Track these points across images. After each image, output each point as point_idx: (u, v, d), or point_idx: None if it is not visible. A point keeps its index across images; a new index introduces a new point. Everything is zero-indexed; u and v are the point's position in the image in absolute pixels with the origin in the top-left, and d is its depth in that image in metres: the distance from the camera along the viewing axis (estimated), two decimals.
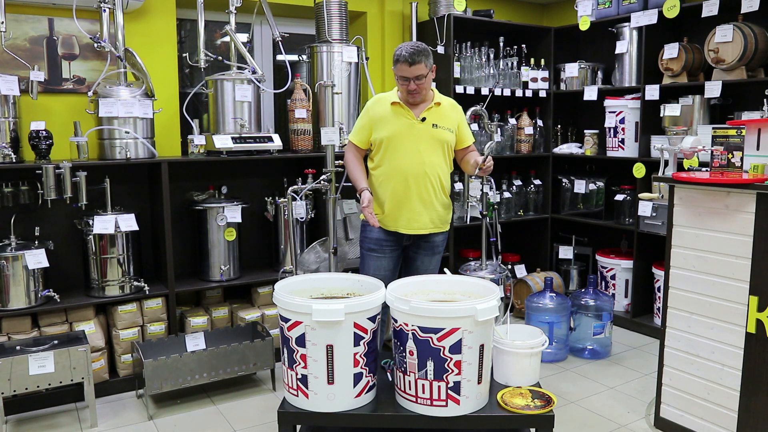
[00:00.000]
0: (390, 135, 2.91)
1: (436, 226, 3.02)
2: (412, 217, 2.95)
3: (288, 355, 2.26)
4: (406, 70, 2.78)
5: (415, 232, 2.98)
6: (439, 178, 2.96)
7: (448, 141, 2.97)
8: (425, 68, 2.80)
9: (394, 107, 2.93)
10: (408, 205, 2.94)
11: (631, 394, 3.28)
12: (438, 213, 3.01)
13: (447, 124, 2.97)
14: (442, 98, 3.00)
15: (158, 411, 3.11)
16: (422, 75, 2.80)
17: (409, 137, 2.90)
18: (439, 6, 4.33)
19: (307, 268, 3.28)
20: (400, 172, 2.91)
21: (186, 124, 3.67)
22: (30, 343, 2.93)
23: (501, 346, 2.41)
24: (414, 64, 2.77)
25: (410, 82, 2.81)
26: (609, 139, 4.41)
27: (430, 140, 2.92)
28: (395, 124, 2.92)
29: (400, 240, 3.02)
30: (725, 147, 2.55)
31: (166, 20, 3.66)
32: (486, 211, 3.80)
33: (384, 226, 2.97)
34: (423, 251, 3.06)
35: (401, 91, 2.91)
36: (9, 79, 3.04)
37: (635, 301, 4.26)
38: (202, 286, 3.59)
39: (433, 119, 2.93)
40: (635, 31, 4.22)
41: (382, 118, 2.94)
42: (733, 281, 2.51)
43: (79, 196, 3.12)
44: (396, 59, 2.81)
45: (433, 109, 2.95)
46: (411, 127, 2.91)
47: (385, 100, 2.97)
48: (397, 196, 2.93)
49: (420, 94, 2.87)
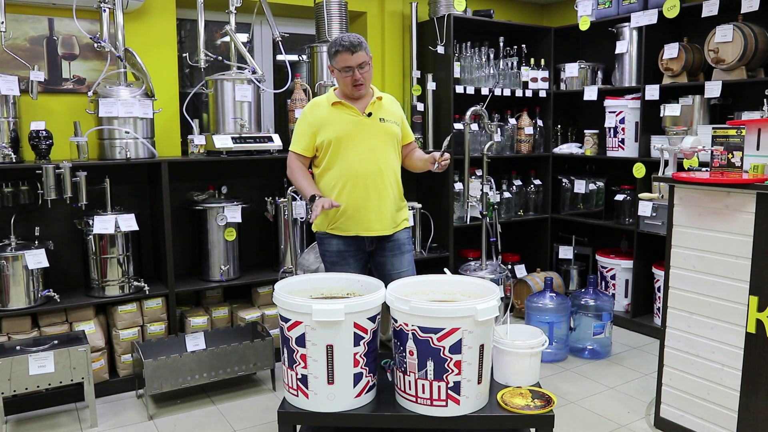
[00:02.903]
0: (337, 135, 2.74)
1: (398, 224, 2.88)
2: (373, 218, 2.79)
3: (288, 355, 2.26)
4: (348, 59, 2.65)
5: (377, 233, 2.81)
6: (395, 174, 2.85)
7: (396, 134, 2.84)
8: (366, 56, 2.69)
9: (335, 107, 2.78)
10: (367, 207, 2.77)
11: (631, 394, 3.28)
12: (397, 211, 2.87)
13: (392, 118, 2.85)
14: (381, 93, 2.88)
15: (158, 411, 3.11)
16: (365, 62, 2.69)
17: (357, 135, 2.75)
18: (439, 6, 4.33)
19: (307, 268, 3.28)
20: (353, 173, 2.74)
21: (186, 124, 3.67)
22: (30, 343, 2.93)
23: (501, 346, 2.41)
24: (355, 51, 2.65)
25: (354, 71, 2.68)
26: (609, 139, 4.41)
27: (380, 136, 2.79)
28: (340, 123, 2.75)
29: (362, 246, 2.85)
30: (725, 147, 2.55)
31: (166, 20, 3.66)
32: (486, 211, 3.81)
33: (342, 233, 2.81)
34: (389, 252, 2.88)
35: (344, 85, 2.75)
36: (9, 79, 3.04)
37: (635, 301, 4.26)
38: (202, 286, 3.59)
39: (379, 113, 2.80)
40: (635, 31, 4.22)
41: (324, 120, 2.77)
42: (733, 281, 2.51)
43: (79, 196, 3.12)
44: (335, 51, 2.68)
45: (377, 103, 2.81)
46: (358, 124, 2.76)
47: (322, 103, 2.82)
48: (354, 199, 2.75)
49: (365, 85, 2.74)
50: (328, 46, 2.73)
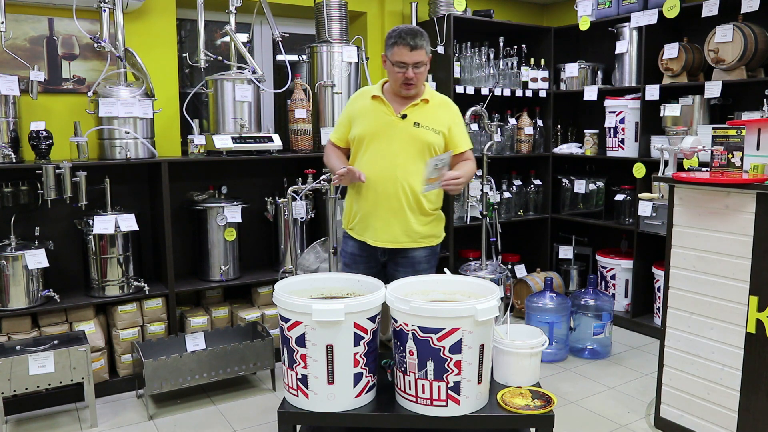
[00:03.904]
0: (364, 133, 2.59)
1: (414, 240, 2.65)
2: (381, 228, 2.61)
3: (288, 355, 2.26)
4: (404, 54, 2.45)
5: (384, 245, 2.64)
6: (412, 186, 2.58)
7: (431, 143, 2.58)
8: (425, 55, 2.50)
9: (374, 101, 2.60)
10: (376, 214, 2.60)
11: (631, 394, 3.28)
12: (414, 226, 2.63)
13: (433, 125, 2.59)
14: (433, 95, 2.65)
15: (158, 411, 3.11)
16: (422, 62, 2.50)
17: (384, 136, 2.57)
18: (439, 6, 4.33)
19: (307, 268, 3.28)
20: (370, 176, 2.57)
21: (186, 124, 3.67)
22: (30, 343, 2.93)
23: (501, 346, 2.41)
24: (416, 48, 2.45)
25: (408, 69, 2.48)
26: (609, 139, 4.41)
27: (408, 141, 2.56)
28: (371, 119, 2.59)
29: (374, 254, 2.70)
30: (725, 147, 2.55)
31: (166, 20, 3.66)
32: (486, 211, 3.81)
33: (356, 236, 2.70)
34: (402, 268, 2.68)
35: (393, 80, 2.56)
36: (9, 79, 3.04)
37: (635, 301, 4.26)
38: (202, 286, 3.59)
39: (415, 117, 2.58)
40: (635, 31, 4.22)
41: (361, 112, 2.63)
42: (733, 281, 2.51)
43: (79, 196, 3.12)
44: (393, 42, 2.47)
45: (419, 106, 2.60)
46: (388, 125, 2.57)
47: (366, 93, 2.65)
48: (364, 204, 2.62)
49: (416, 86, 2.55)
50: (388, 33, 2.53)
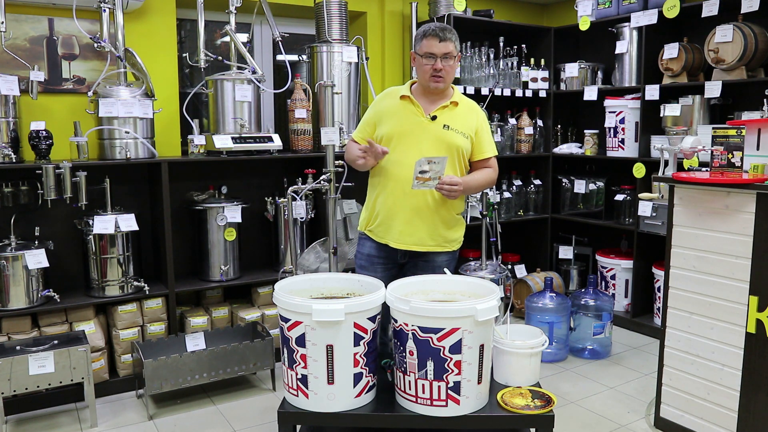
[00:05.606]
0: (392, 132, 2.57)
1: (438, 244, 2.63)
2: (405, 231, 2.58)
3: (288, 355, 2.26)
4: (433, 45, 2.48)
5: (408, 248, 2.60)
6: None
7: (459, 147, 2.57)
8: (455, 48, 2.52)
9: (403, 101, 2.59)
10: (401, 216, 2.58)
11: (631, 394, 3.28)
12: (439, 229, 2.62)
13: (462, 128, 2.58)
14: (462, 99, 2.64)
15: (158, 411, 3.11)
16: (451, 54, 2.50)
17: (412, 137, 2.56)
18: (439, 6, 4.33)
19: (307, 268, 3.28)
20: (393, 176, 2.56)
21: (186, 124, 3.67)
22: (30, 343, 2.93)
23: (501, 346, 2.41)
24: (444, 39, 2.48)
25: (437, 60, 2.49)
26: (609, 139, 4.41)
27: (437, 143, 2.55)
28: (399, 119, 2.58)
29: (393, 256, 2.67)
30: (725, 147, 2.55)
31: (166, 20, 3.66)
32: (486, 211, 3.80)
33: (376, 237, 2.66)
34: (421, 272, 2.61)
35: (422, 74, 2.55)
36: (9, 79, 3.04)
37: (635, 301, 4.26)
38: (202, 286, 3.59)
39: (445, 119, 2.57)
40: (635, 31, 4.22)
41: (389, 112, 2.62)
42: (733, 281, 2.51)
43: (79, 196, 3.12)
44: (423, 34, 2.51)
45: (448, 108, 2.59)
46: (418, 126, 2.56)
47: (394, 93, 2.65)
48: (389, 204, 2.59)
49: (445, 79, 2.53)
50: (417, 31, 2.55)
